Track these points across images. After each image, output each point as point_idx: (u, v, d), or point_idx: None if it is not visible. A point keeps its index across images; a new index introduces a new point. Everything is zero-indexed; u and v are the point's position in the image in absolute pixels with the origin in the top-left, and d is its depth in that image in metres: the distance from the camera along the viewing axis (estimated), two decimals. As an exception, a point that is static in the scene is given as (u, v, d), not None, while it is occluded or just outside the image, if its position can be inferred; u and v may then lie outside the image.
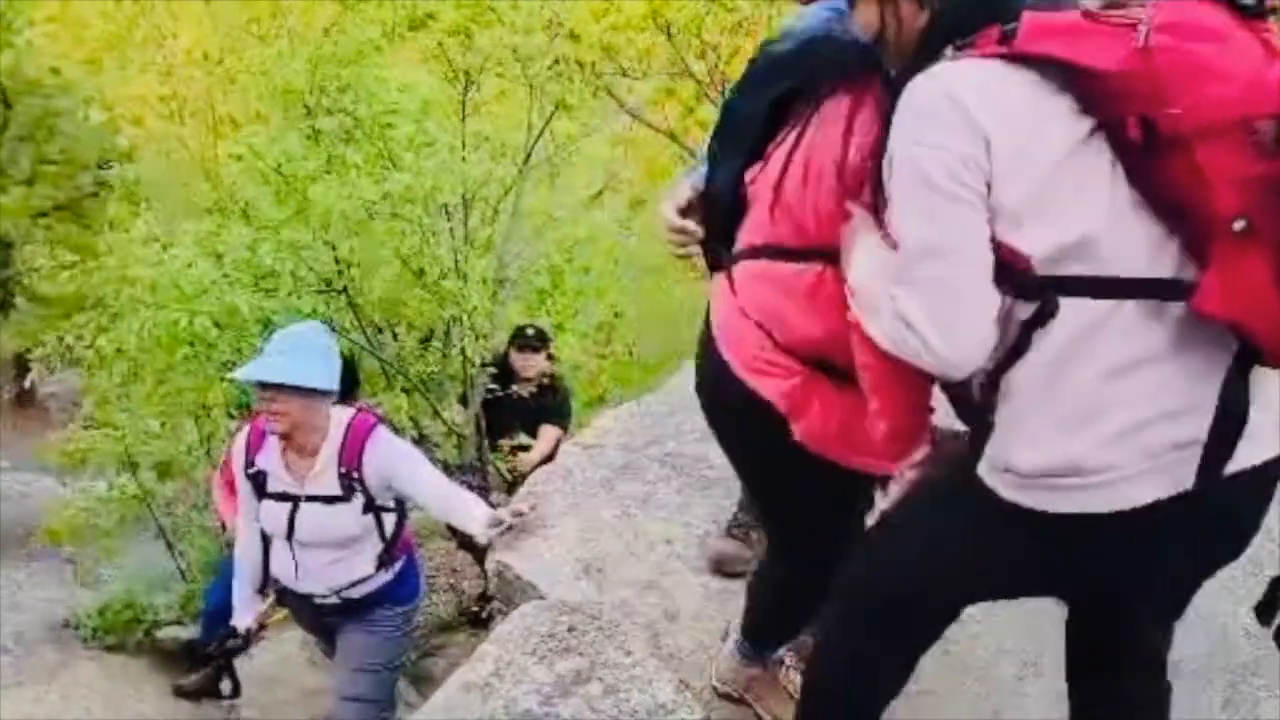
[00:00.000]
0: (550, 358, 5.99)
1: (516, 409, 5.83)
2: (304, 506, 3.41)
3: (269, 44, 6.91)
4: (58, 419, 7.61)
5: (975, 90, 1.53)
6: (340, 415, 3.44)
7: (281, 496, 3.44)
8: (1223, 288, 1.48)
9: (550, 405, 5.95)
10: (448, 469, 6.06)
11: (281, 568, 3.54)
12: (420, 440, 5.94)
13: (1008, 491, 1.62)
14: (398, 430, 5.52)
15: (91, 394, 6.66)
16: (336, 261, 5.54)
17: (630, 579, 2.93)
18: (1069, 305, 1.54)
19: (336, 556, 3.46)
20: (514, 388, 5.81)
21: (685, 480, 3.43)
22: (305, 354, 3.36)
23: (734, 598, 2.88)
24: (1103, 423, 1.55)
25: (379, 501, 3.44)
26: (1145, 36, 1.47)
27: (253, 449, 3.48)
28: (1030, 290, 1.54)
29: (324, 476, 3.39)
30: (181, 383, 5.55)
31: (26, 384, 8.64)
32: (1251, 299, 1.48)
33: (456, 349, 6.11)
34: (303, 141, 5.76)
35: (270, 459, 3.45)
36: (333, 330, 5.76)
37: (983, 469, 1.65)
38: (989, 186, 1.52)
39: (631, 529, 3.16)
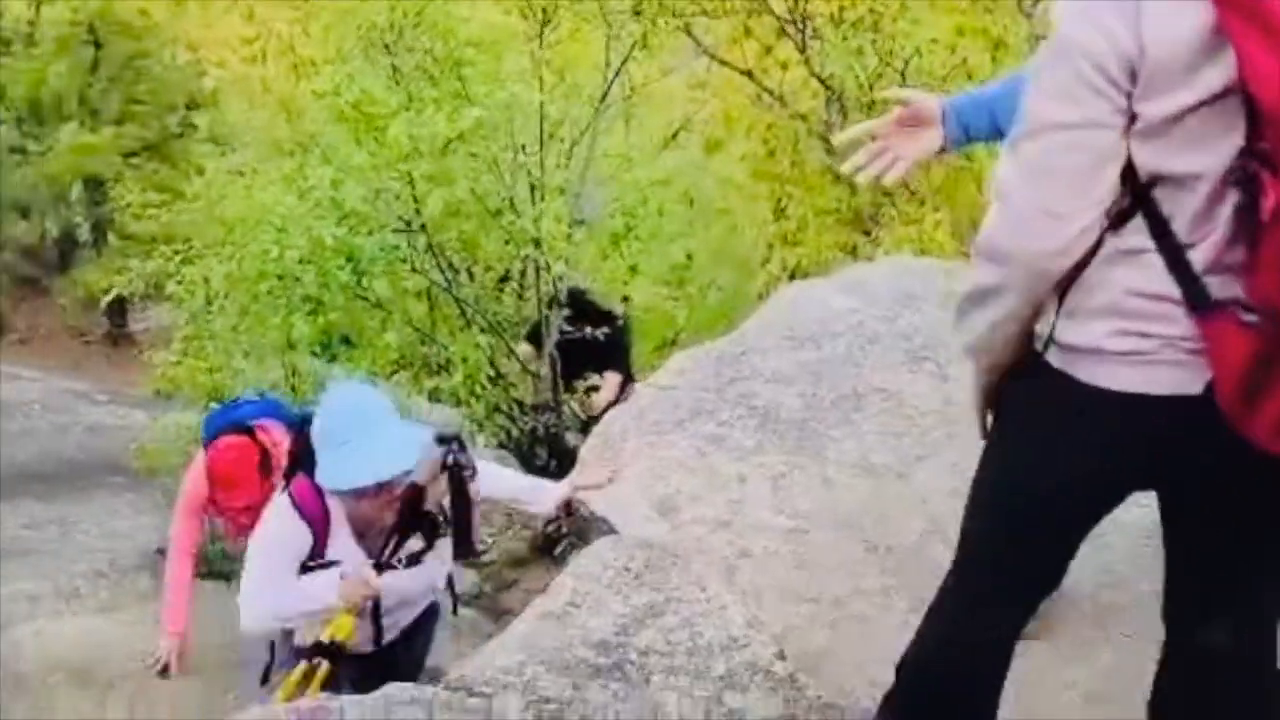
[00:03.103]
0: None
1: (588, 350, 5.89)
2: (388, 578, 2.98)
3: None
4: (150, 353, 7.84)
5: None
6: None
7: None
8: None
9: (618, 345, 6.05)
10: (523, 408, 6.16)
11: (356, 637, 3.09)
12: (497, 379, 6.03)
13: (1058, 363, 1.62)
14: (473, 374, 5.62)
15: (180, 328, 6.84)
16: (415, 200, 5.60)
17: (704, 518, 2.95)
18: (1134, 222, 1.53)
19: (422, 598, 3.21)
20: (587, 330, 5.88)
21: (758, 421, 3.44)
22: (385, 420, 2.92)
23: (807, 537, 2.90)
24: (1124, 322, 1.55)
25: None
26: None
27: (320, 540, 2.92)
28: (1125, 193, 1.52)
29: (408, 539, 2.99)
30: (267, 317, 5.68)
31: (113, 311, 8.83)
32: None
33: (532, 290, 6.16)
34: (383, 80, 5.81)
35: (344, 547, 2.95)
36: (413, 270, 5.87)
37: (1048, 353, 1.64)
38: (1130, 96, 1.46)
39: (705, 468, 3.18)
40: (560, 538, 5.15)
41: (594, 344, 5.87)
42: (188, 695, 4.37)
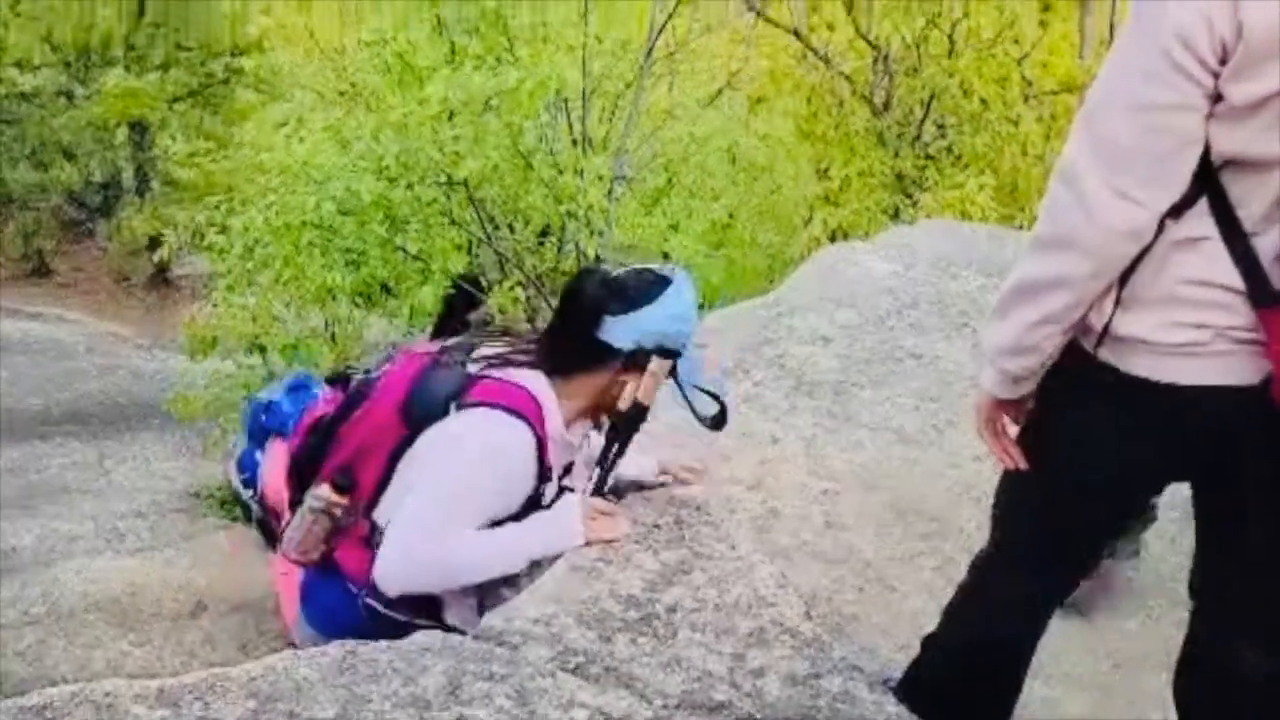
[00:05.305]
0: None
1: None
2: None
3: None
4: (190, 300, 7.94)
5: None
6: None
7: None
8: None
9: None
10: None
11: None
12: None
13: (1109, 356, 1.55)
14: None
15: (221, 277, 6.90)
16: (456, 156, 5.60)
17: (736, 477, 2.96)
18: (1196, 209, 1.45)
19: None
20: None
21: (793, 382, 3.43)
22: None
23: (838, 499, 2.90)
24: (1180, 312, 1.48)
25: None
26: None
27: (544, 446, 2.11)
28: (1197, 177, 1.43)
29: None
30: (306, 268, 5.72)
31: (156, 258, 8.95)
32: None
33: (571, 245, 6.16)
34: (427, 31, 5.80)
35: (565, 441, 2.21)
36: (453, 223, 5.89)
37: (1092, 344, 1.58)
38: (1216, 76, 1.37)
39: (739, 428, 3.18)
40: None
41: None
42: (223, 634, 4.47)
